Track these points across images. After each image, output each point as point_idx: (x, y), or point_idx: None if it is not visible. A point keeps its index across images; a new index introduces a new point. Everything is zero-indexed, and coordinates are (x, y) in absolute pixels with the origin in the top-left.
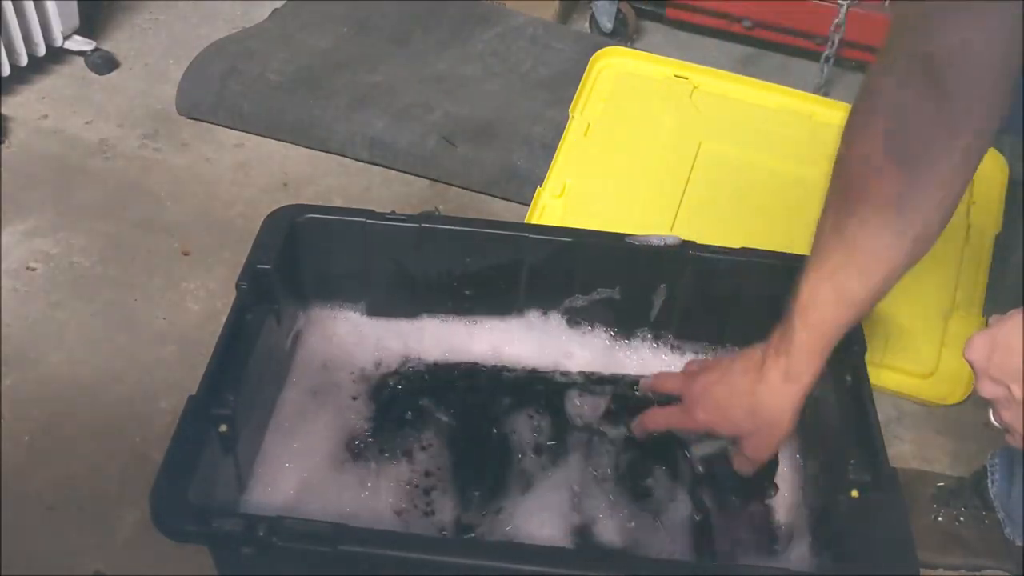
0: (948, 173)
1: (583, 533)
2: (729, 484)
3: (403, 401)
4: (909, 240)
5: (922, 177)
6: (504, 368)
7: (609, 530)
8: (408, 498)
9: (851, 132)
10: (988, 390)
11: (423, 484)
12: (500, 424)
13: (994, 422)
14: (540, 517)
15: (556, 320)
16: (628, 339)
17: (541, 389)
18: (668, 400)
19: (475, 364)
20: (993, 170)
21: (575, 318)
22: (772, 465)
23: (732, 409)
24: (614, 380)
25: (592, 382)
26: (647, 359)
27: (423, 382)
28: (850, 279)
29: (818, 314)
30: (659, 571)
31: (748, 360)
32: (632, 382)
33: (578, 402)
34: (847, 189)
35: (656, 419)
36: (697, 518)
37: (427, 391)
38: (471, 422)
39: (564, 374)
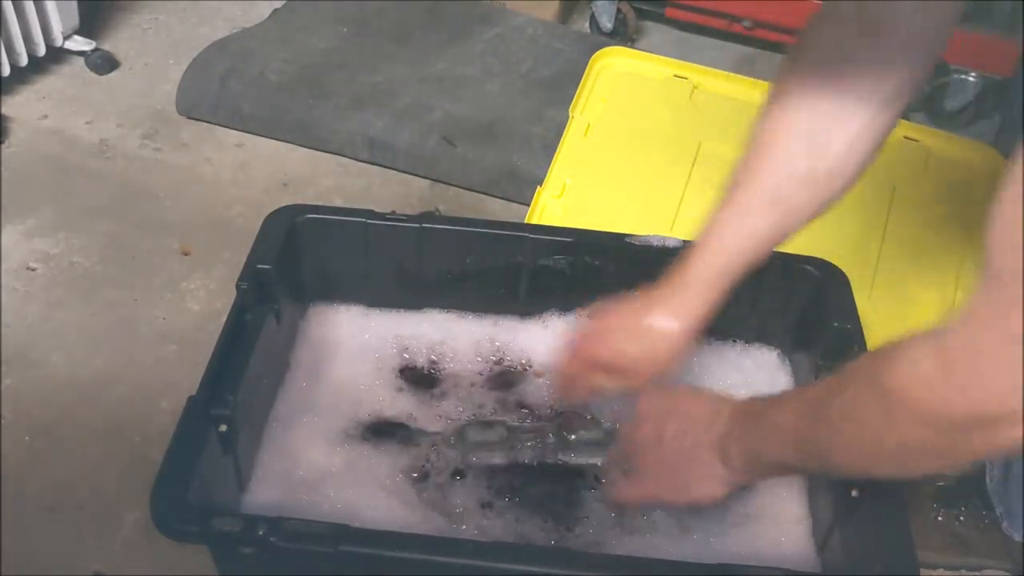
0: (866, 115)
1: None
2: None
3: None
4: (818, 178)
5: (835, 114)
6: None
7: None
8: (412, 491)
9: (781, 68)
10: None
11: (427, 477)
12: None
13: None
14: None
15: (556, 321)
16: None
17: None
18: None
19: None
20: (993, 171)
21: (575, 319)
22: None
23: (612, 341)
24: None
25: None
26: None
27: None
28: (757, 213)
29: (719, 241)
30: (658, 571)
31: (632, 297)
32: None
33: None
34: (762, 128)
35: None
36: None
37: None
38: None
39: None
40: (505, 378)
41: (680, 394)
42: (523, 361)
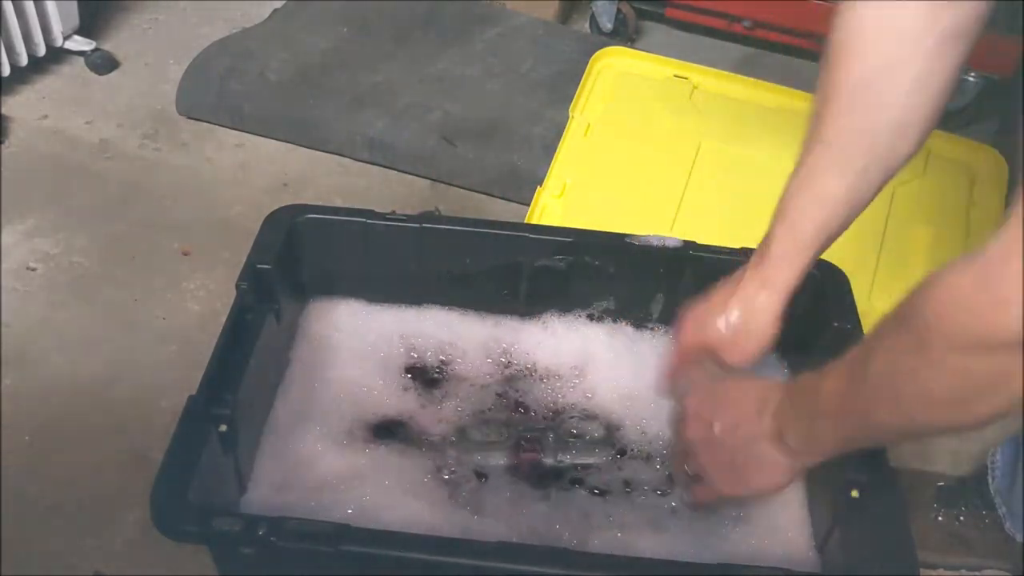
0: (924, 60)
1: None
2: None
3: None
4: (887, 129)
5: (893, 62)
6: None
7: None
8: (416, 490)
9: (837, 20)
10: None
11: (431, 475)
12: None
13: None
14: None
15: (556, 321)
16: (630, 340)
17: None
18: None
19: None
20: (993, 171)
21: (575, 319)
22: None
23: (709, 322)
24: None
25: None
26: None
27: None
28: (826, 175)
29: (796, 213)
30: (658, 571)
31: (727, 279)
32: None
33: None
34: (822, 89)
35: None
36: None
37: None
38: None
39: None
40: (507, 379)
41: (727, 386)
42: (528, 365)
